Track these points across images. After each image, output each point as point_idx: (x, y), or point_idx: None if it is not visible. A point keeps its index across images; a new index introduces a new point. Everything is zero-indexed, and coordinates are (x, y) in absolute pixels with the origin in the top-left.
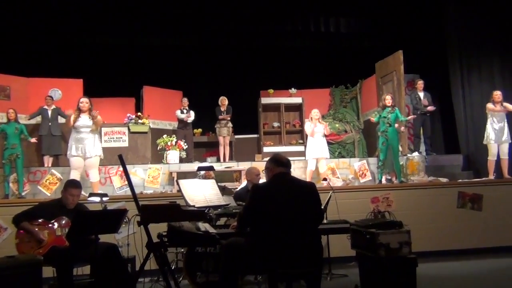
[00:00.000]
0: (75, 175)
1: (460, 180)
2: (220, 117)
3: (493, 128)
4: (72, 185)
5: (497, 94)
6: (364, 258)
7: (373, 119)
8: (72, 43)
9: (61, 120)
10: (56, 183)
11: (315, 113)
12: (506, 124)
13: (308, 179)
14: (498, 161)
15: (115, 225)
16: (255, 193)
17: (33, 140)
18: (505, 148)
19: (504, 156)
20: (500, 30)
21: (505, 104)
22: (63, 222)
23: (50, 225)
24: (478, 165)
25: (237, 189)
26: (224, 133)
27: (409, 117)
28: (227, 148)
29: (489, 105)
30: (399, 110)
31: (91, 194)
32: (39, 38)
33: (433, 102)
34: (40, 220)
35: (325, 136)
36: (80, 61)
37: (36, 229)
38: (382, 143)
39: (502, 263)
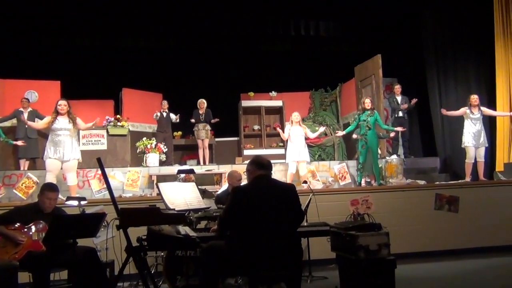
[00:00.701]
0: (50, 177)
1: (437, 183)
2: (192, 121)
3: (471, 132)
4: (49, 189)
5: (474, 98)
6: (344, 260)
7: (341, 133)
8: (49, 44)
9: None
10: (33, 186)
11: (296, 116)
12: (482, 128)
13: (288, 182)
14: (475, 163)
15: (93, 229)
16: (235, 195)
17: (20, 143)
18: (481, 151)
19: (481, 159)
20: (474, 35)
21: (483, 108)
22: (40, 226)
23: (26, 229)
24: (455, 167)
25: (218, 192)
26: (202, 136)
27: (397, 129)
28: (207, 151)
29: (462, 109)
30: (378, 113)
31: (69, 198)
32: (16, 38)
33: (410, 106)
34: (16, 225)
35: (307, 139)
36: (57, 62)
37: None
38: (362, 146)
39: (478, 264)
